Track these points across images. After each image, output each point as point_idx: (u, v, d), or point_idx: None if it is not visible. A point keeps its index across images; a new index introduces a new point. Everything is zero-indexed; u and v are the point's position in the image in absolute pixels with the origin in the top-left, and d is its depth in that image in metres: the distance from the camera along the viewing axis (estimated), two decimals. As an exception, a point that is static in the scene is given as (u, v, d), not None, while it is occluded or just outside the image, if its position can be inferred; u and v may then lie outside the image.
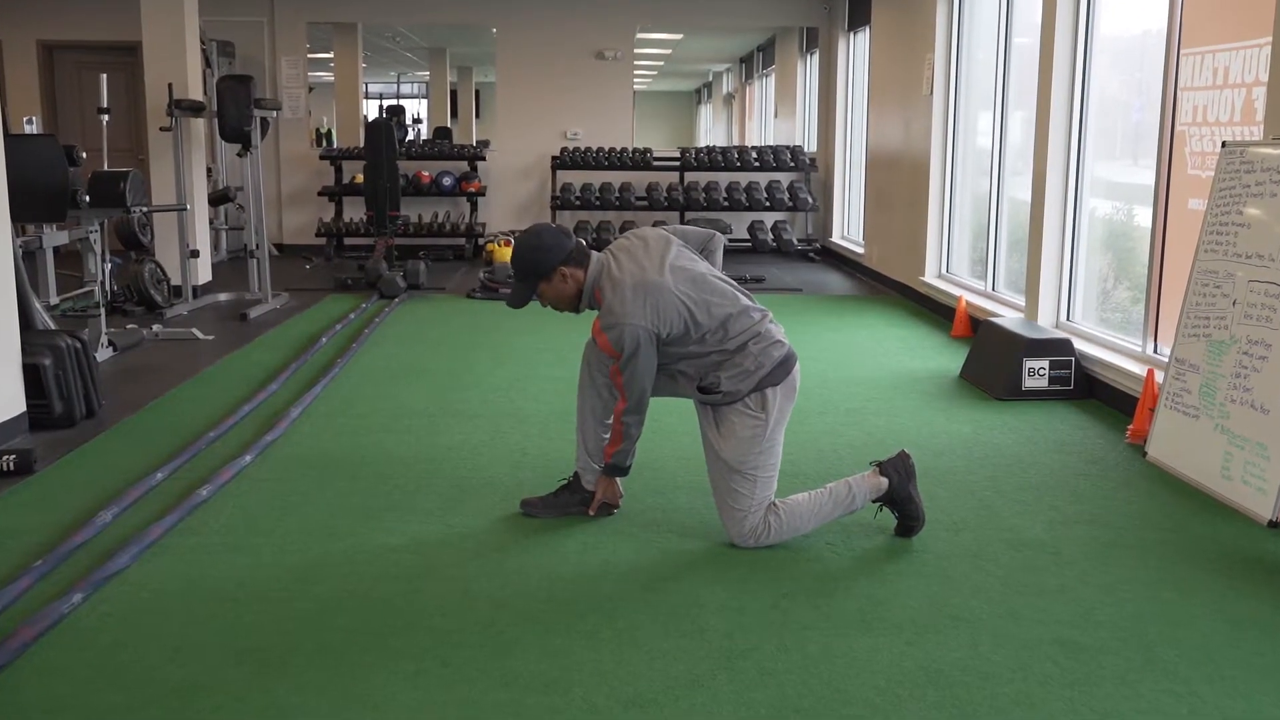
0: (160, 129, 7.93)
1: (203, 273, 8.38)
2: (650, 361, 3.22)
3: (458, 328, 7.03)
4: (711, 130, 26.27)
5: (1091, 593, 3.01)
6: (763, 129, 17.42)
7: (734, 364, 3.23)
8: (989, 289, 7.02)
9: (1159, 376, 4.45)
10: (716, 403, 3.26)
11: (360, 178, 10.30)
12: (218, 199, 9.54)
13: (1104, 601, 2.95)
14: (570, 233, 3.36)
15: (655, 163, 11.21)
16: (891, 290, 8.77)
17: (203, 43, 9.05)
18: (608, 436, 3.45)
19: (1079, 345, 5.32)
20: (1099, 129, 5.74)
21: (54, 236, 6.31)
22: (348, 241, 11.00)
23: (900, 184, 8.55)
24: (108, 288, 6.36)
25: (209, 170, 9.68)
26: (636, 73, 13.45)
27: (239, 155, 8.18)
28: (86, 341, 4.88)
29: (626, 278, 3.21)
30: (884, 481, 3.34)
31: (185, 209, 7.72)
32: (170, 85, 7.76)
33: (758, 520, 3.25)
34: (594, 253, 3.36)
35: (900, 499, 3.35)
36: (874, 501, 3.36)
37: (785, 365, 3.28)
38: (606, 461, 3.44)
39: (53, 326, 5.24)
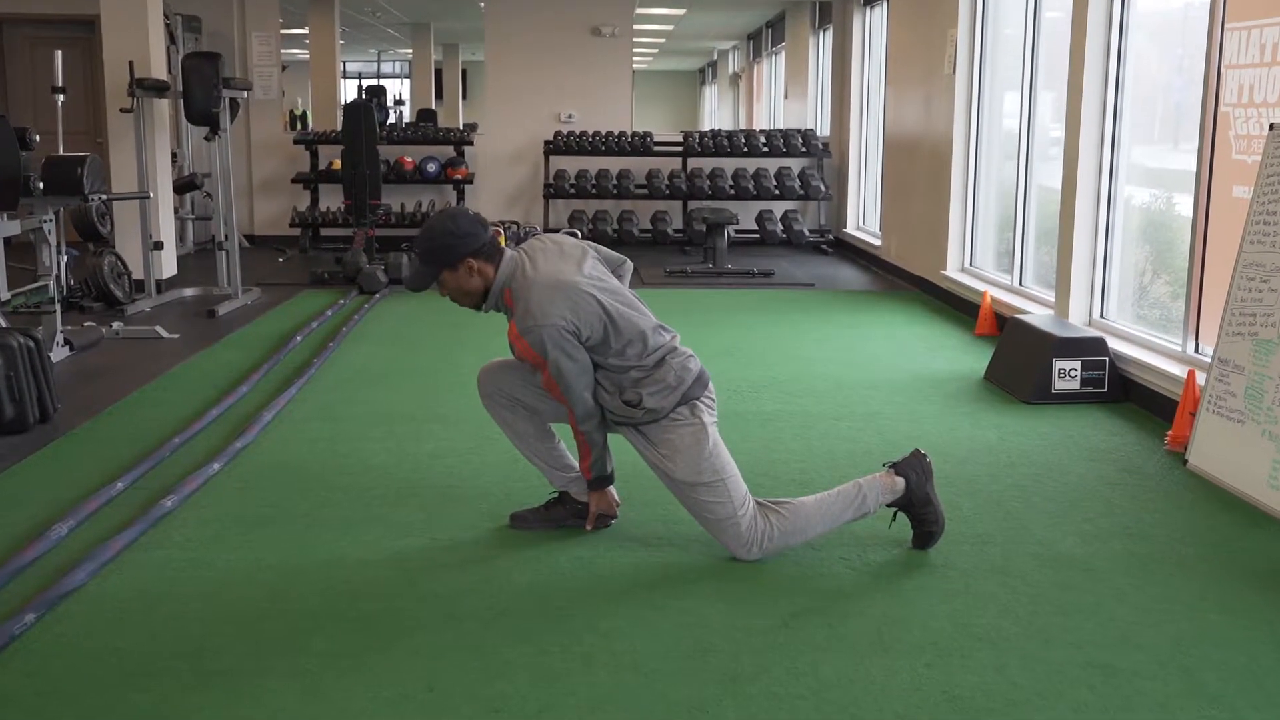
0: (120, 110, 7.93)
1: (167, 266, 8.38)
2: (580, 358, 3.25)
3: (443, 325, 7.03)
4: (716, 113, 26.29)
5: (1128, 612, 3.01)
6: (772, 111, 17.43)
7: (655, 380, 3.29)
8: (1016, 284, 7.03)
9: (1200, 378, 4.45)
10: (640, 420, 3.30)
11: (338, 164, 10.31)
12: (183, 186, 9.54)
13: (1141, 622, 2.95)
14: (487, 224, 3.37)
15: (656, 148, 11.22)
16: (911, 285, 8.78)
17: (166, 17, 9.05)
18: (552, 445, 3.53)
19: (1113, 344, 5.32)
20: (1136, 110, 5.74)
21: (5, 226, 6.29)
22: (324, 232, 11.01)
23: (920, 170, 8.55)
24: (64, 282, 6.35)
25: (174, 155, 9.68)
26: (636, 51, 13.48)
27: (206, 139, 8.18)
28: (40, 340, 4.87)
29: (541, 277, 3.25)
30: (900, 482, 3.35)
31: (148, 197, 7.72)
32: (131, 63, 7.76)
33: (751, 521, 3.26)
34: (508, 250, 3.37)
35: (918, 500, 3.36)
36: (889, 506, 3.36)
37: (702, 380, 3.37)
38: (587, 477, 3.45)
39: (3, 324, 5.24)
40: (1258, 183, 4.15)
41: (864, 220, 10.97)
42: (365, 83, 19.60)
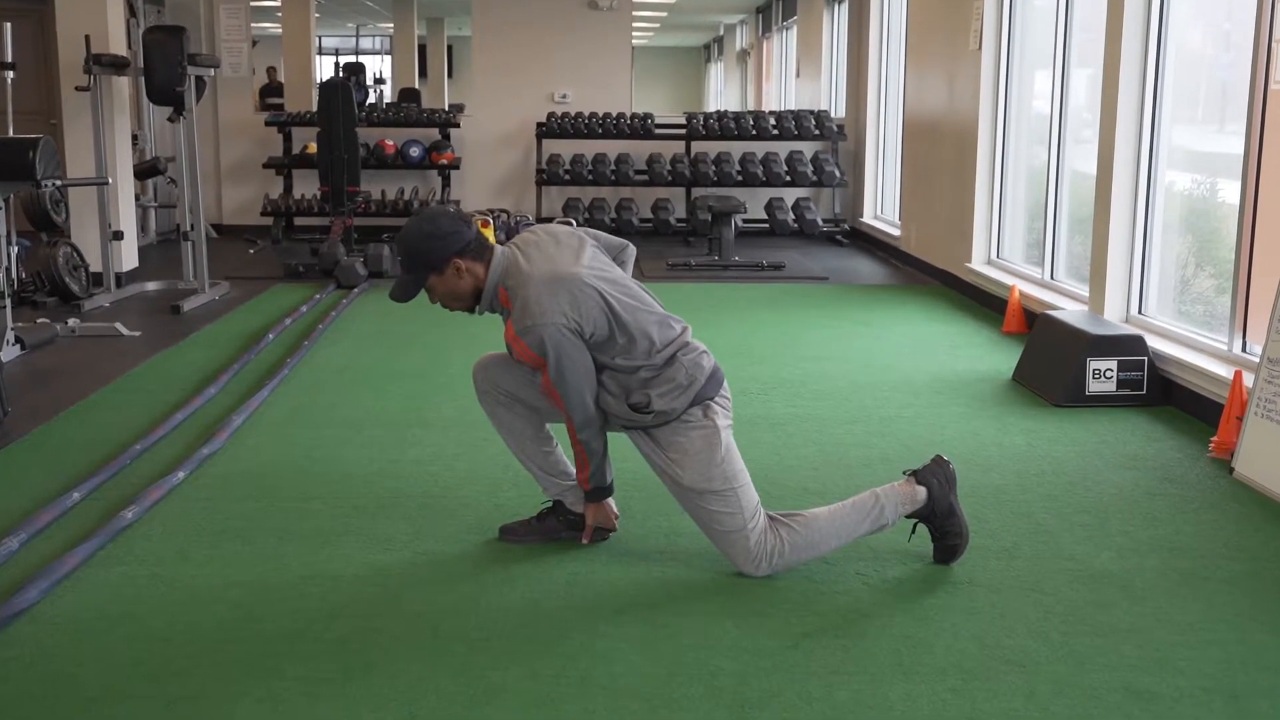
0: (76, 89, 7.92)
1: (128, 258, 8.38)
2: (582, 360, 3.25)
3: (428, 322, 7.02)
4: (723, 93, 26.31)
5: (1168, 633, 3.00)
6: (782, 91, 17.43)
7: (665, 379, 3.28)
8: (1047, 277, 7.03)
9: (1248, 379, 4.45)
10: (649, 424, 3.30)
11: (313, 147, 10.29)
12: (145, 171, 9.54)
13: (1183, 643, 2.95)
14: (470, 221, 3.37)
15: (657, 130, 11.22)
16: (932, 279, 8.78)
17: (128, -11, 9.05)
18: (550, 450, 3.53)
19: (1153, 343, 5.32)
20: (1178, 89, 5.74)
21: (-49, 215, 6.31)
22: (298, 222, 11.00)
23: (943, 155, 8.55)
24: (14, 275, 6.35)
25: (134, 138, 9.67)
26: (636, 25, 13.49)
27: (170, 120, 8.18)
28: (-9, 338, 4.87)
29: (537, 271, 3.25)
30: (920, 491, 3.34)
31: (107, 183, 7.72)
32: (88, 37, 7.75)
33: (762, 535, 3.26)
34: (497, 247, 3.38)
35: (941, 511, 3.35)
36: (908, 517, 3.36)
37: (716, 378, 3.36)
38: (585, 488, 3.45)
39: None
40: (1309, 168, 4.14)
41: (882, 209, 10.97)
42: (343, 60, 19.63)
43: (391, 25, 19.46)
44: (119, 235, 7.90)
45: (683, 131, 11.32)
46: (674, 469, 3.29)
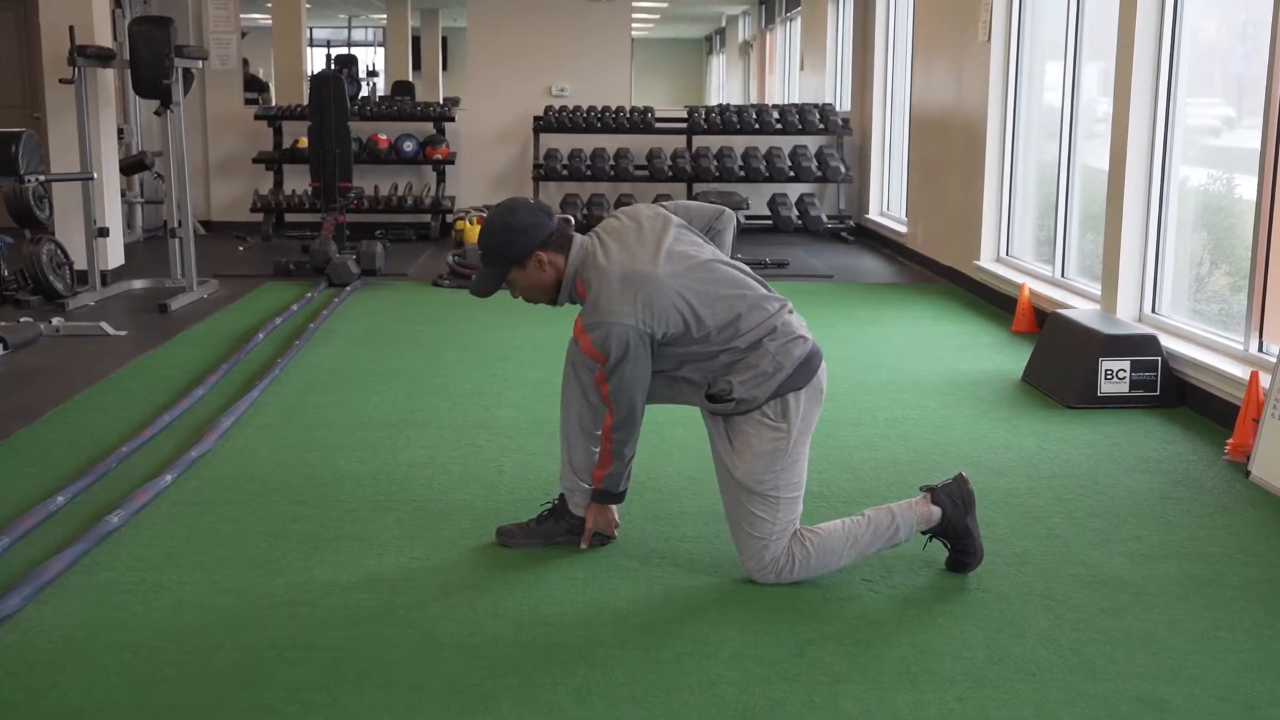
0: (60, 81, 7.91)
1: (113, 255, 8.38)
2: (643, 368, 3.23)
3: (422, 321, 7.03)
4: (725, 86, 26.32)
5: (1182, 641, 3.01)
6: (786, 84, 17.43)
7: (747, 365, 3.23)
8: (1058, 275, 7.03)
9: (1265, 380, 4.45)
10: (729, 412, 3.26)
11: (304, 142, 10.30)
12: (131, 166, 9.53)
13: (1198, 651, 2.95)
14: (551, 211, 3.37)
15: (658, 125, 11.21)
16: (940, 277, 8.78)
17: (113, -21, 9.06)
18: (593, 448, 3.46)
19: (1166, 342, 5.32)
20: (1193, 81, 5.74)
21: (-66, 211, 6.32)
22: (289, 218, 11.00)
23: (951, 150, 8.55)
24: (-1, 273, 6.35)
25: (120, 132, 9.67)
26: (635, 16, 13.50)
27: (157, 114, 8.18)
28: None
29: (614, 268, 3.22)
30: (935, 512, 3.34)
31: (92, 178, 7.72)
32: (72, 28, 7.75)
33: (780, 550, 3.25)
34: (578, 236, 3.36)
35: (955, 533, 3.35)
36: (923, 533, 3.36)
37: (809, 365, 3.28)
38: (596, 486, 3.44)
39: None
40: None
41: (888, 205, 10.97)
42: (335, 52, 19.64)
43: (385, 16, 19.46)
44: (104, 232, 7.89)
45: (684, 126, 11.32)
46: (732, 459, 3.25)
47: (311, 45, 19.04)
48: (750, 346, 3.24)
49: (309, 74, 12.14)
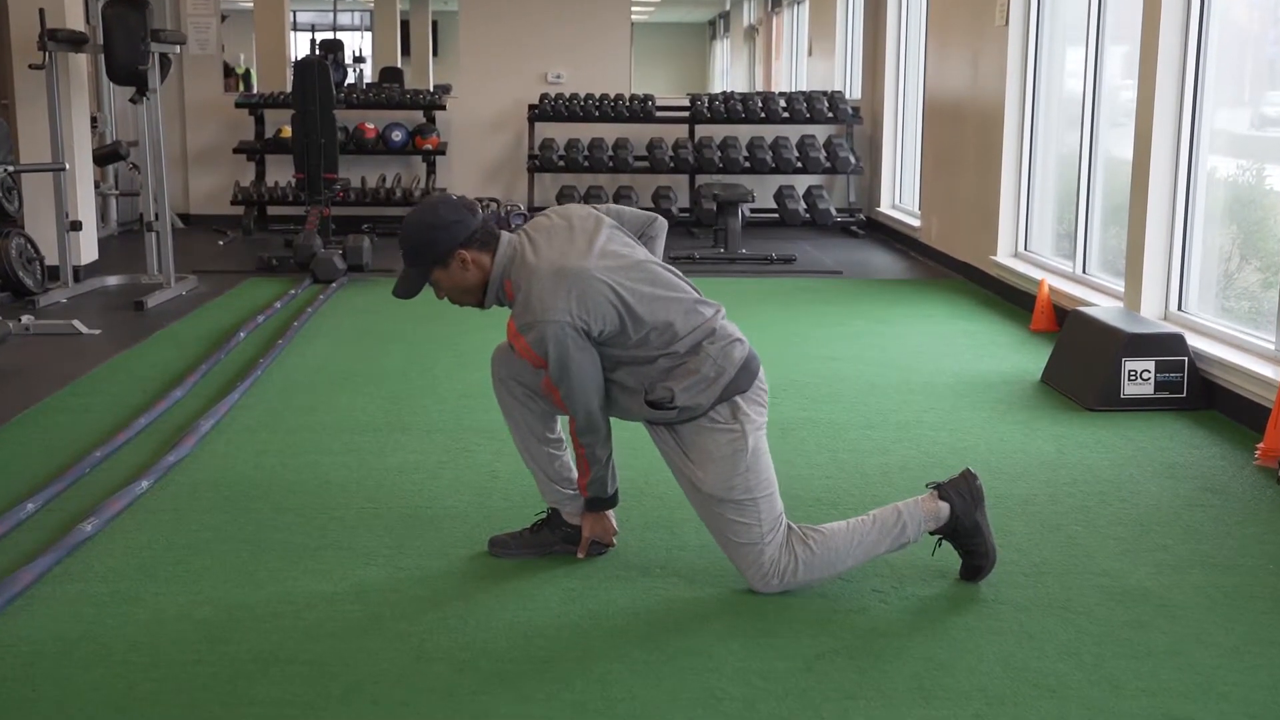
0: (30, 67, 7.92)
1: (86, 250, 8.38)
2: (588, 362, 3.24)
3: (411, 320, 7.03)
4: (729, 72, 26.33)
5: (1210, 655, 3.01)
6: (794, 71, 17.44)
7: (687, 371, 3.25)
8: (1079, 271, 7.03)
9: (1295, 381, 4.45)
10: (672, 420, 3.28)
11: (287, 131, 10.30)
12: (106, 157, 9.52)
13: (1227, 666, 2.95)
14: (476, 207, 3.37)
15: (658, 113, 11.22)
16: (955, 273, 8.78)
17: (87, -40, 9.05)
18: (558, 454, 3.49)
19: (1193, 342, 5.32)
20: (1221, 68, 5.73)
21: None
22: (272, 211, 11.00)
23: (967, 139, 8.55)
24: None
25: (94, 120, 9.68)
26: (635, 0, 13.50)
27: (132, 101, 8.18)
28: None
29: (543, 264, 3.23)
30: (944, 508, 3.34)
31: (64, 169, 7.72)
32: (42, 11, 7.74)
33: (778, 550, 3.25)
34: (505, 234, 3.37)
35: (965, 530, 3.35)
36: (932, 534, 3.36)
37: (749, 368, 3.32)
38: (584, 496, 3.45)
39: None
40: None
41: (900, 198, 10.97)
42: (319, 36, 19.64)
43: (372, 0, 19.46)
44: (77, 225, 7.89)
45: (686, 114, 11.32)
46: (694, 472, 3.27)
47: (295, 29, 19.05)
48: (690, 350, 3.26)
49: (292, 60, 12.14)
